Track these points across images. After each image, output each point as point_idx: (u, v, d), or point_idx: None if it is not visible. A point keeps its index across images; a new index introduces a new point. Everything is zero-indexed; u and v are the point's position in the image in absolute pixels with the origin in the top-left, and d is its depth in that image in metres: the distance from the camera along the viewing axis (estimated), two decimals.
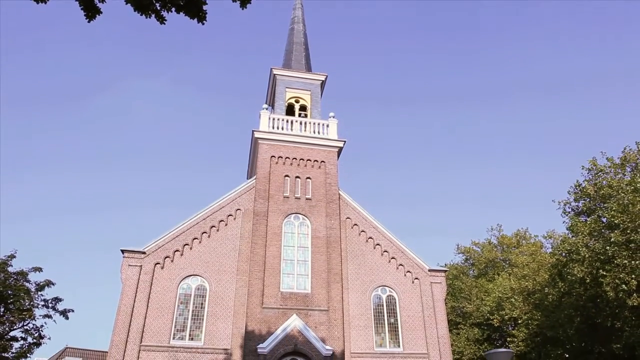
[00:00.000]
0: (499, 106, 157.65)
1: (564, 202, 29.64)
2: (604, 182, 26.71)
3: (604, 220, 25.86)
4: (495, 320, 37.03)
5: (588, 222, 26.26)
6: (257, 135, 26.81)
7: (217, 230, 24.52)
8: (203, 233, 24.25)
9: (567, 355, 33.44)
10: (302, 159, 26.85)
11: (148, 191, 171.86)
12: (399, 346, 23.60)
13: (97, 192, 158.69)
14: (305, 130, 27.82)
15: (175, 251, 23.53)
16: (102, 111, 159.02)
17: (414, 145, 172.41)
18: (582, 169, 28.41)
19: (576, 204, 29.19)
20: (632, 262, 22.74)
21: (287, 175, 26.32)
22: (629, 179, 25.53)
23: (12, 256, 23.39)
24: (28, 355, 23.54)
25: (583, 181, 28.38)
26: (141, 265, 22.72)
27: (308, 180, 26.52)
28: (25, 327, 23.32)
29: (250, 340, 21.55)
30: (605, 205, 25.66)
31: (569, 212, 29.40)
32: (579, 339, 30.81)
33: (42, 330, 23.78)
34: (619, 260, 23.15)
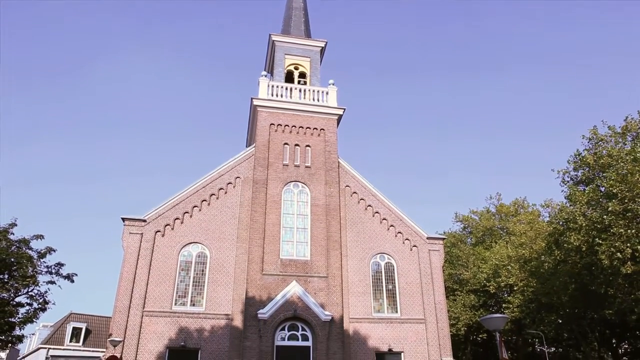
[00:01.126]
0: (499, 76, 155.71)
1: (563, 172, 29.68)
2: (604, 151, 26.63)
3: (602, 189, 25.94)
4: (491, 287, 37.73)
5: (586, 192, 26.36)
6: (256, 102, 26.55)
7: (217, 198, 24.62)
8: (203, 201, 24.35)
9: (560, 321, 34.29)
10: (302, 127, 26.69)
11: (149, 160, 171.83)
12: (396, 312, 24.10)
13: (97, 161, 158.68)
14: (304, 98, 27.54)
15: (176, 219, 23.69)
16: (101, 80, 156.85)
17: (414, 115, 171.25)
18: (583, 138, 28.31)
19: (575, 173, 29.23)
20: (628, 230, 22.95)
21: (286, 143, 26.22)
22: (629, 148, 25.47)
23: (13, 224, 23.49)
24: (34, 320, 23.97)
25: (583, 150, 28.32)
26: (142, 233, 22.92)
27: (307, 148, 26.44)
28: (29, 294, 23.66)
29: (251, 306, 21.98)
30: (604, 174, 25.69)
31: (568, 182, 29.47)
32: (573, 305, 31.50)
33: (46, 296, 24.12)
34: (615, 229, 23.36)
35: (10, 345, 25.45)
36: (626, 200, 23.29)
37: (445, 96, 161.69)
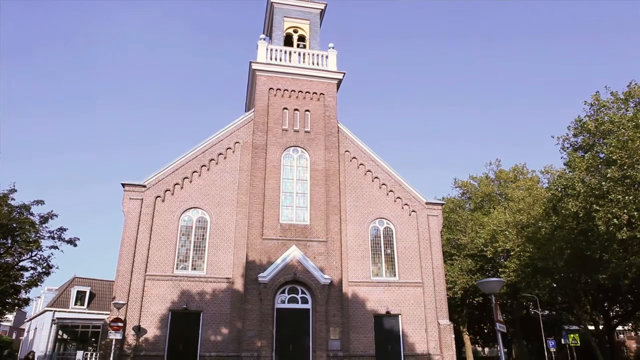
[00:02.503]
0: (501, 45, 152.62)
1: (563, 138, 29.47)
2: (606, 117, 26.37)
3: (602, 156, 25.86)
4: (488, 252, 38.19)
5: (586, 158, 26.27)
6: (254, 66, 26.12)
7: (217, 163, 24.58)
8: (202, 166, 24.33)
9: (554, 285, 34.90)
10: (301, 91, 26.38)
11: (148, 127, 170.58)
12: (394, 276, 24.51)
13: (96, 130, 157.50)
14: (304, 62, 27.09)
15: (176, 184, 23.74)
16: (99, 49, 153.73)
17: (414, 83, 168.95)
18: (585, 104, 27.93)
19: (575, 139, 29.03)
20: (626, 197, 23.02)
21: (285, 108, 25.98)
22: (631, 114, 25.22)
23: (13, 190, 23.56)
24: (38, 283, 24.42)
25: (584, 116, 28.05)
26: (142, 199, 23.01)
27: (307, 112, 26.21)
28: (33, 258, 24.00)
29: (251, 269, 22.33)
30: (604, 141, 25.54)
31: (568, 148, 29.31)
32: (568, 270, 31.99)
33: (49, 260, 24.49)
34: (613, 195, 23.43)
35: (17, 307, 26.02)
36: (625, 167, 23.26)
37: (445, 64, 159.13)
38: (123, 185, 23.14)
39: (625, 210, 23.11)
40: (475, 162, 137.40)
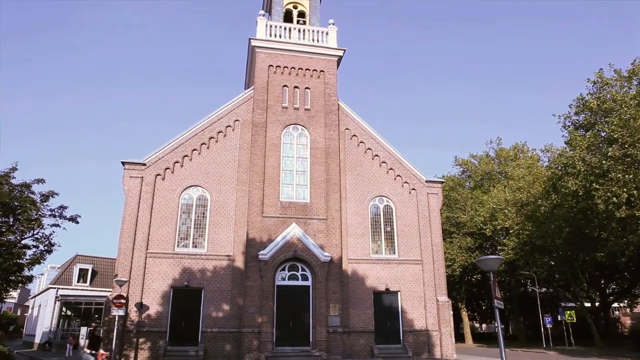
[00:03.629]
0: (502, 24, 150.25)
1: (564, 116, 29.30)
2: (608, 95, 26.15)
3: (603, 134, 25.76)
4: (487, 230, 38.42)
5: (587, 137, 26.18)
6: (254, 43, 25.78)
7: (216, 141, 24.49)
8: (202, 144, 24.24)
9: (552, 263, 35.24)
10: (301, 69, 26.10)
11: (148, 106, 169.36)
12: (394, 253, 24.69)
13: (95, 109, 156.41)
14: (303, 38, 26.72)
15: (175, 162, 23.70)
16: (98, 29, 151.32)
17: (414, 61, 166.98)
18: (588, 81, 27.65)
19: (577, 117, 28.86)
20: (626, 176, 23.03)
21: (285, 86, 25.74)
22: (635, 92, 25.01)
23: (14, 168, 23.49)
24: (41, 261, 24.55)
25: (587, 94, 27.82)
26: (142, 177, 23.00)
27: (307, 90, 25.99)
28: (35, 236, 24.08)
29: (252, 247, 22.48)
30: (606, 119, 25.40)
31: (569, 127, 29.17)
32: (566, 248, 32.26)
33: (51, 238, 24.58)
34: (613, 174, 23.43)
35: (20, 285, 26.29)
36: (626, 146, 23.20)
37: (446, 43, 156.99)
38: (123, 163, 23.11)
39: (624, 189, 23.15)
40: (476, 141, 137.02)
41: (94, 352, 17.75)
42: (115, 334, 19.51)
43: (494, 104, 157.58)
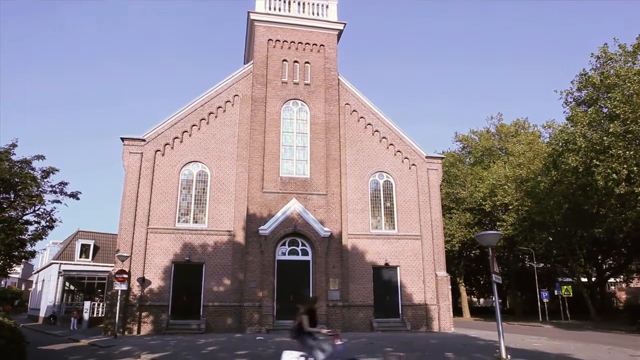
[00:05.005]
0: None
1: (566, 92, 29.03)
2: (612, 71, 25.83)
3: (605, 110, 25.56)
4: (487, 206, 38.59)
5: (589, 113, 25.99)
6: (253, 17, 25.35)
7: (216, 117, 24.34)
8: (202, 120, 24.11)
9: (550, 239, 35.49)
10: (301, 43, 25.74)
11: (148, 83, 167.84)
12: (393, 228, 24.83)
13: (95, 84, 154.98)
14: (303, 12, 26.28)
15: (175, 138, 23.61)
16: (94, 3, 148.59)
17: (414, 37, 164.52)
18: (591, 56, 27.26)
19: (579, 93, 28.60)
20: (627, 152, 22.97)
21: (285, 60, 25.43)
22: (638, 68, 24.71)
23: (14, 145, 23.42)
24: (43, 237, 24.72)
25: (590, 70, 27.49)
26: (142, 153, 22.95)
27: (307, 65, 25.68)
28: (36, 212, 24.17)
29: (252, 222, 22.60)
30: (609, 95, 25.16)
31: (571, 102, 28.94)
32: (564, 224, 32.44)
33: (52, 214, 24.69)
34: (614, 150, 23.36)
35: (23, 260, 26.55)
36: (628, 122, 23.06)
37: (447, 18, 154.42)
38: (122, 139, 23.02)
39: (625, 165, 23.12)
40: (476, 117, 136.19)
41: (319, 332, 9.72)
42: (118, 307, 19.81)
43: (495, 79, 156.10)
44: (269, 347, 15.27)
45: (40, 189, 23.43)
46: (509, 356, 10.28)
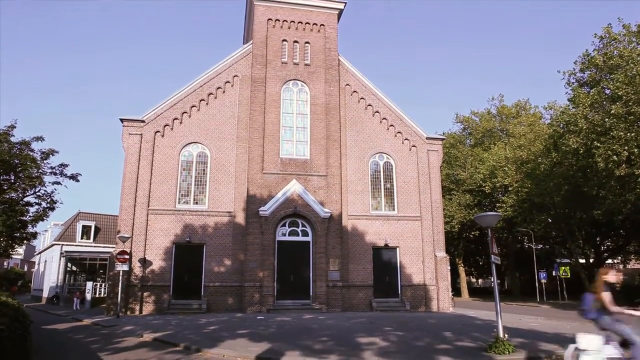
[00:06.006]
0: None
1: (569, 73, 28.74)
2: (615, 52, 25.51)
3: (608, 92, 25.36)
4: (486, 188, 38.62)
5: (591, 94, 25.79)
6: None
7: (215, 97, 24.18)
8: (201, 101, 23.95)
9: (550, 220, 35.64)
10: (301, 22, 25.41)
11: (147, 64, 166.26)
12: (393, 209, 24.89)
13: (95, 66, 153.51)
14: None
15: (175, 119, 23.49)
16: None
17: (415, 18, 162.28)
18: (595, 36, 26.89)
19: (581, 74, 28.32)
20: (628, 134, 22.87)
21: (284, 40, 25.14)
22: None
23: (13, 126, 23.31)
24: (44, 218, 24.83)
25: (593, 51, 27.16)
26: (141, 134, 22.87)
27: (307, 45, 25.40)
28: (37, 194, 24.22)
29: (252, 203, 22.66)
30: (611, 76, 24.92)
31: (573, 83, 28.68)
32: (564, 206, 32.52)
33: (53, 196, 24.74)
34: (615, 132, 23.26)
35: (25, 241, 26.69)
36: (630, 103, 22.90)
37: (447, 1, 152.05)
38: (122, 120, 22.91)
39: (625, 147, 23.05)
40: (477, 98, 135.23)
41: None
42: (120, 288, 20.00)
43: (497, 59, 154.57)
44: (270, 326, 15.44)
45: (40, 171, 23.45)
46: (506, 335, 10.42)
